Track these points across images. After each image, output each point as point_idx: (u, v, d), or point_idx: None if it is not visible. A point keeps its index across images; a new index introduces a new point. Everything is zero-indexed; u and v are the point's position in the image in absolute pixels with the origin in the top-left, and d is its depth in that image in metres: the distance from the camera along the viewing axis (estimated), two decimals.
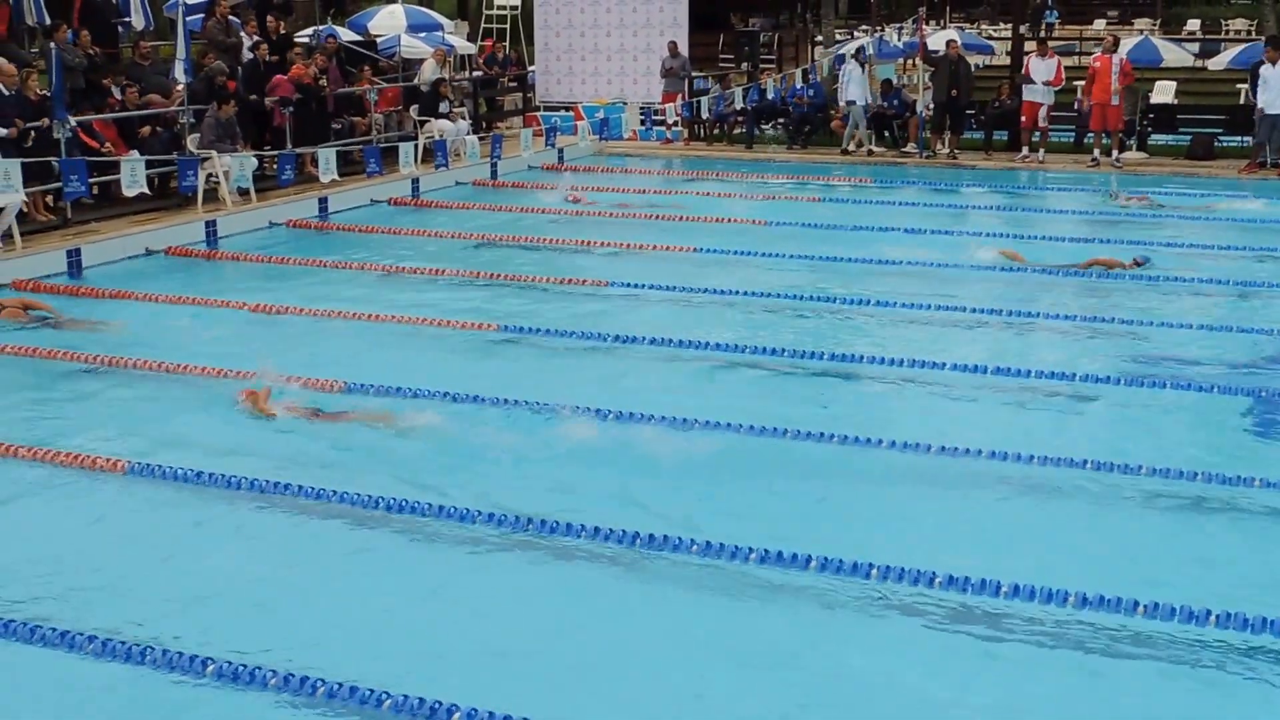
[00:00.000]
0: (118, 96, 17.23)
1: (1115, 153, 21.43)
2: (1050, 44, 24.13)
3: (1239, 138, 22.36)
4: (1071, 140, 23.37)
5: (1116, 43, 22.49)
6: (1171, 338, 11.35)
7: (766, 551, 6.87)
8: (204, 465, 8.13)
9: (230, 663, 5.79)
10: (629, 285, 13.20)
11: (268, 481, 7.88)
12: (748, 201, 18.90)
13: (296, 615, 6.50)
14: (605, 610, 6.61)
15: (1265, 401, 9.72)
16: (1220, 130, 23.08)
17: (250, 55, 19.39)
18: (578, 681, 5.89)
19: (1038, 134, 21.85)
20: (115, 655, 5.92)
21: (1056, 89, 22.14)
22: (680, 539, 7.03)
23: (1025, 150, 21.97)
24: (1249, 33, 46.05)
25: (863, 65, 22.88)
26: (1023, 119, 22.06)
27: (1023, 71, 22.38)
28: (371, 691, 5.54)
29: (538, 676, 5.91)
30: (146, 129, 17.29)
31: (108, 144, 16.39)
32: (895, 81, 25.31)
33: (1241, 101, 24.33)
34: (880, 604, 6.54)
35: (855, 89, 22.65)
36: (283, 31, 21.46)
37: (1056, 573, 6.67)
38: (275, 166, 18.05)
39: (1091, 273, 13.83)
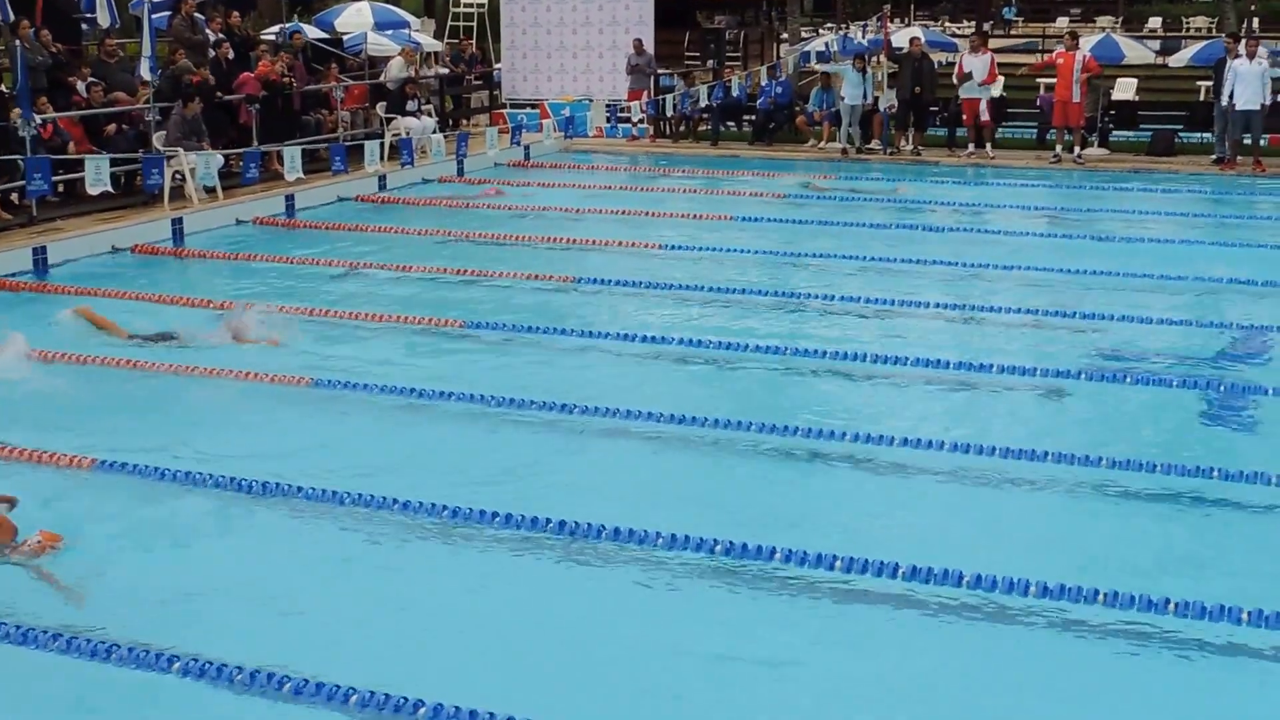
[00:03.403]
0: (83, 94, 17.18)
1: (1076, 149, 21.62)
2: (1012, 40, 24.29)
3: (1199, 134, 22.58)
4: (1034, 137, 23.58)
5: (1078, 39, 22.70)
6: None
7: (730, 543, 6.95)
8: (177, 463, 8.17)
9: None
10: (595, 281, 13.28)
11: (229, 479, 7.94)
12: (713, 198, 18.98)
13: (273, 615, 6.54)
14: (573, 605, 6.68)
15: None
16: (1180, 127, 23.29)
17: (213, 53, 19.36)
18: (552, 679, 5.95)
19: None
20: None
21: (991, 85, 22.36)
22: (645, 532, 7.10)
23: (971, 147, 22.17)
24: (1209, 30, 46.40)
25: (861, 70, 22.83)
26: (964, 117, 22.28)
27: (956, 70, 22.55)
28: (354, 690, 5.58)
29: (519, 674, 5.97)
30: (112, 127, 17.25)
31: (71, 142, 16.35)
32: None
33: (1202, 98, 24.56)
34: (849, 596, 6.62)
35: (854, 90, 22.68)
36: (248, 32, 21.43)
37: (1019, 564, 6.77)
38: (241, 164, 18.03)
39: None
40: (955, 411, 9.64)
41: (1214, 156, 21.19)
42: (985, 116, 22.10)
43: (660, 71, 26.19)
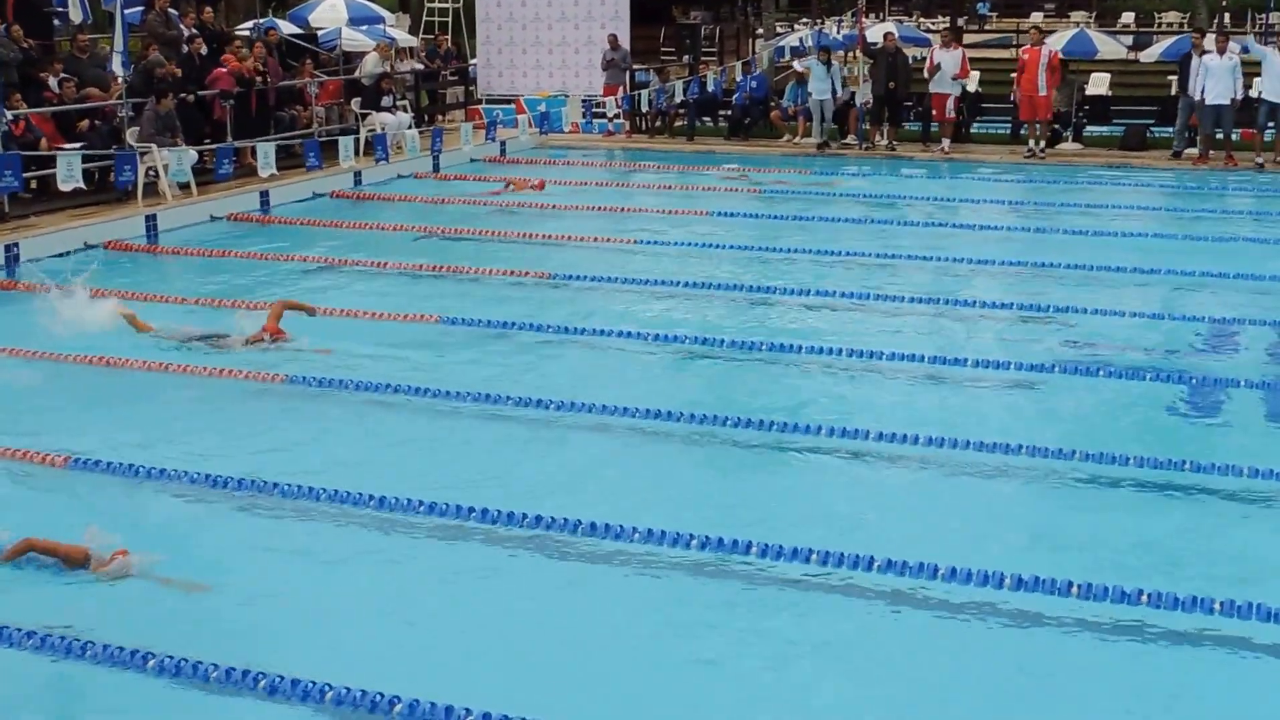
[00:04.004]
0: (55, 90, 17.10)
1: (1040, 143, 21.72)
2: (986, 35, 24.41)
3: (1172, 128, 22.70)
4: (1009, 132, 23.68)
5: (1043, 34, 22.83)
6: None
7: (707, 538, 6.96)
8: (151, 460, 8.16)
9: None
10: (571, 277, 13.28)
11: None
12: (689, 193, 19.01)
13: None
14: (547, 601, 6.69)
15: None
16: (1153, 121, 23.42)
17: (186, 49, 19.29)
18: (528, 673, 5.96)
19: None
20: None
21: (964, 80, 22.46)
22: (623, 527, 7.11)
23: (946, 143, 22.26)
24: (1182, 25, 46.61)
25: (827, 64, 22.95)
26: (934, 112, 22.37)
27: (927, 65, 22.63)
28: (330, 686, 5.57)
29: (493, 669, 5.98)
30: (85, 123, 17.17)
31: (43, 138, 16.27)
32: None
33: (1173, 93, 24.71)
34: (823, 590, 6.65)
35: (821, 84, 22.78)
36: (222, 27, 21.36)
37: (992, 557, 6.81)
38: (214, 160, 17.95)
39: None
40: (930, 405, 9.67)
41: (1172, 150, 21.34)
42: (950, 113, 22.18)
43: (636, 67, 26.19)
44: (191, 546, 7.13)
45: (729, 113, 24.85)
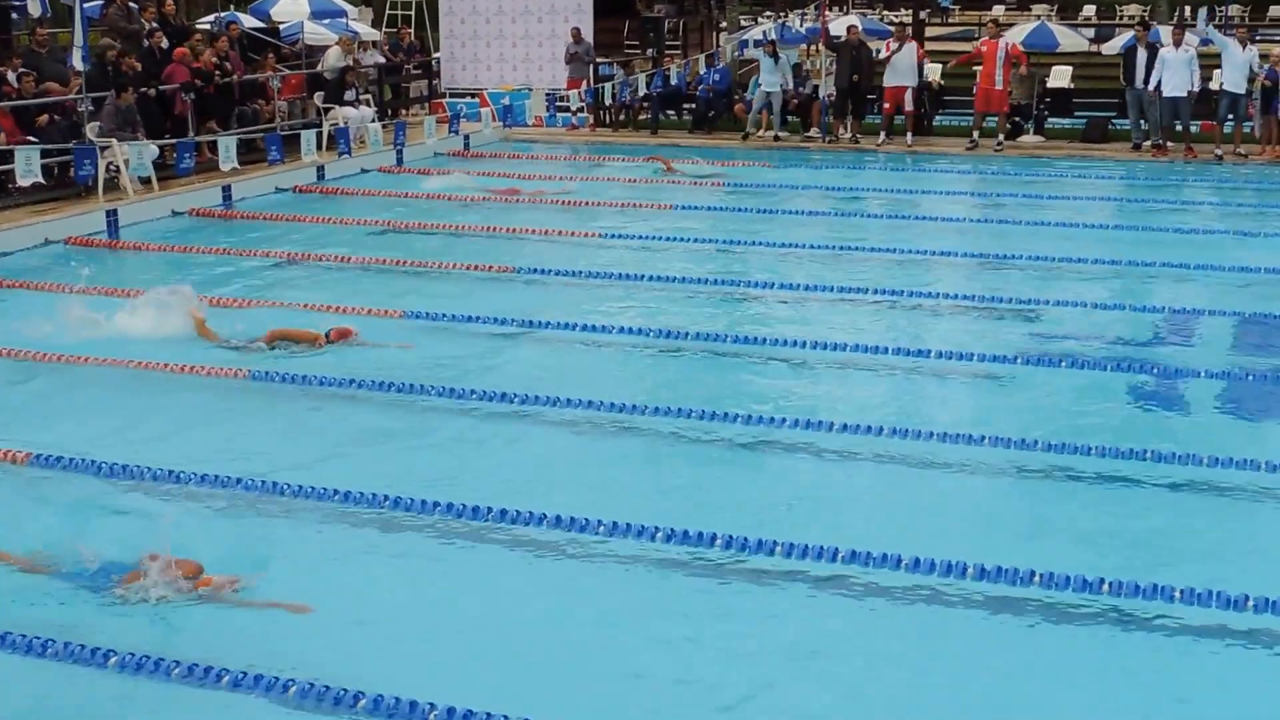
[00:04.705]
0: (14, 84, 16.96)
1: (999, 136, 21.83)
2: (949, 28, 24.49)
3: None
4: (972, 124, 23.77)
5: (1000, 28, 22.95)
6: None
7: (672, 531, 6.98)
8: (117, 457, 8.11)
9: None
10: (535, 270, 13.27)
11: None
12: (654, 186, 19.01)
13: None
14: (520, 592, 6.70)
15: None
16: (1114, 114, 23.57)
17: (147, 43, 19.17)
18: (497, 667, 5.97)
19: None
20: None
21: (917, 74, 22.54)
22: (587, 520, 7.12)
23: (910, 136, 22.35)
24: (1143, 17, 46.91)
25: (774, 57, 23.02)
26: (885, 105, 22.42)
27: (885, 58, 22.70)
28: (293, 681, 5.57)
29: (470, 666, 5.98)
30: (44, 117, 17.04)
31: (2, 134, 16.14)
32: (803, 67, 25.57)
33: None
34: (788, 580, 6.67)
35: (770, 77, 22.88)
36: (183, 21, 21.23)
37: (956, 546, 6.85)
38: (175, 155, 17.85)
39: None
40: (893, 396, 9.72)
41: (1132, 143, 21.48)
42: (909, 106, 22.25)
43: (599, 60, 26.17)
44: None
45: (693, 106, 24.86)
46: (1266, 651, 6.02)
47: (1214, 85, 21.42)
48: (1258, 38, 26.65)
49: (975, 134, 21.95)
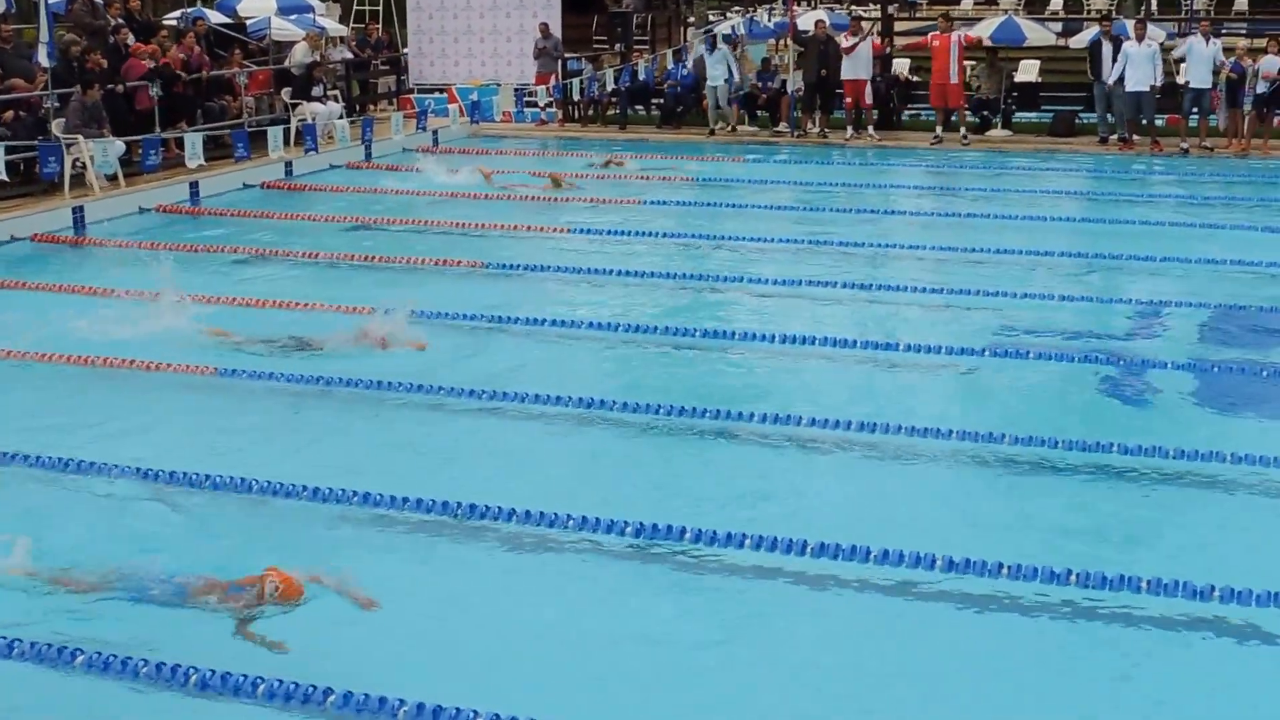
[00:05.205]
0: None
1: (962, 130, 21.91)
2: (917, 23, 24.56)
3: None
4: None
5: (952, 21, 23.03)
6: None
7: (641, 525, 6.99)
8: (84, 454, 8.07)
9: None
10: (504, 267, 13.26)
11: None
12: (621, 182, 19.00)
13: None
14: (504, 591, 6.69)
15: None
16: (1081, 108, 23.66)
17: (113, 39, 19.05)
18: (469, 662, 5.96)
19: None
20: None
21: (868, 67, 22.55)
22: (556, 514, 7.12)
23: (872, 131, 22.39)
24: (1110, 11, 47.10)
25: (711, 48, 23.12)
26: (847, 100, 22.43)
27: (844, 50, 22.71)
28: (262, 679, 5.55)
29: (442, 660, 5.97)
30: (9, 113, 16.91)
31: None
32: (770, 62, 25.62)
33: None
34: (758, 574, 6.69)
35: (714, 70, 22.95)
36: (149, 17, 21.10)
37: (925, 539, 6.88)
38: (141, 152, 17.75)
39: None
40: (862, 390, 9.76)
41: (1099, 136, 21.59)
42: (868, 99, 22.32)
43: (568, 55, 26.13)
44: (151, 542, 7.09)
45: (661, 101, 24.85)
46: (1233, 640, 6.07)
47: (1180, 80, 21.53)
48: (1223, 31, 26.72)
49: (939, 129, 22.02)
